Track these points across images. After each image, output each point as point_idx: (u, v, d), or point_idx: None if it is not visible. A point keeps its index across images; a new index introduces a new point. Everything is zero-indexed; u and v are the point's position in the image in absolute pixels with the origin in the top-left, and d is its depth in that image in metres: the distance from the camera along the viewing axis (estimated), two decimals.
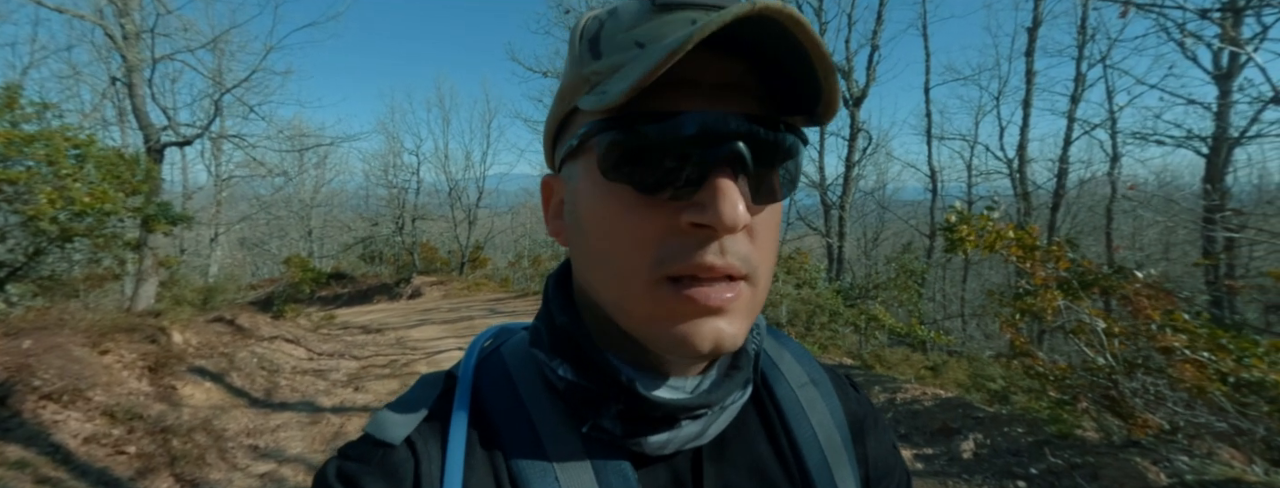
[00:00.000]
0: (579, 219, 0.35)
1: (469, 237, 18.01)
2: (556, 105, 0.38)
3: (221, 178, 12.39)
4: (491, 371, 0.40)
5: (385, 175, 19.26)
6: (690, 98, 0.31)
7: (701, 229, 0.30)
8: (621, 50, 0.32)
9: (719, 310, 0.31)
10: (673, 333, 0.32)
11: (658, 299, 0.32)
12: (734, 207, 0.29)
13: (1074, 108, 9.81)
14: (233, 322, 7.12)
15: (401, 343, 8.26)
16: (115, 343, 4.39)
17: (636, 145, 0.31)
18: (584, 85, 0.34)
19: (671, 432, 0.35)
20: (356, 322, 10.90)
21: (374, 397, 5.30)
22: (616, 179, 0.32)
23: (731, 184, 0.30)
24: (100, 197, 4.26)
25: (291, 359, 6.65)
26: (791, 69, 0.30)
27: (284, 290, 11.74)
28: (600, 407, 0.35)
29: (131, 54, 5.54)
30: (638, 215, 0.32)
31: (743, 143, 0.30)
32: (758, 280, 0.33)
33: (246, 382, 5.26)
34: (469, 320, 9.86)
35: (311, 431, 4.32)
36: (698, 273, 0.31)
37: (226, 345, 5.96)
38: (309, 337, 8.35)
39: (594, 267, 0.35)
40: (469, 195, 18.66)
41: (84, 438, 3.15)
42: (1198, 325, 2.66)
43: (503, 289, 14.23)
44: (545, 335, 0.38)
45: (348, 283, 17.32)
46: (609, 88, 0.31)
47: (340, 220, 21.48)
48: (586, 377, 0.36)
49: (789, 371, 0.46)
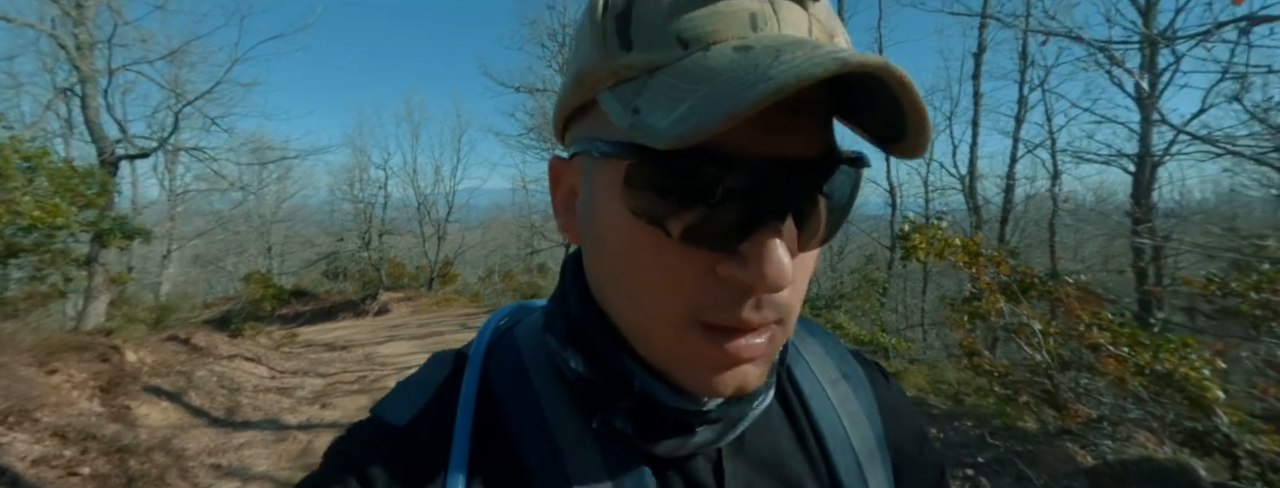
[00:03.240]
0: (598, 235, 0.31)
1: (438, 252, 17.73)
2: (573, 88, 0.32)
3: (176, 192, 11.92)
4: (504, 352, 0.38)
5: (351, 190, 18.87)
6: (746, 130, 0.25)
7: (744, 285, 0.27)
8: (660, 46, 0.27)
9: (751, 359, 0.29)
10: (696, 376, 0.30)
11: (686, 343, 0.29)
12: (780, 269, 0.26)
13: (1018, 128, 10.52)
14: (188, 341, 6.85)
15: (370, 359, 8.08)
16: (64, 362, 4.20)
17: (673, 188, 0.27)
18: (611, 77, 0.29)
19: (685, 437, 0.33)
20: (320, 339, 10.57)
21: (342, 413, 5.19)
22: (645, 220, 0.28)
23: (779, 243, 0.26)
24: (51, 210, 4.11)
25: (253, 378, 6.42)
26: (877, 107, 0.26)
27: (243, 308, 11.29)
28: (611, 404, 0.33)
29: (85, 65, 5.37)
30: (669, 258, 0.28)
31: (798, 191, 0.27)
32: (789, 319, 0.30)
33: (206, 401, 5.07)
34: (439, 336, 9.71)
35: (277, 448, 4.20)
36: (737, 327, 0.28)
37: (183, 364, 5.73)
38: (270, 355, 8.07)
39: (614, 290, 0.32)
40: (438, 210, 18.43)
41: (33, 460, 3.01)
42: (1120, 325, 2.94)
43: (474, 305, 14.04)
44: (559, 323, 0.36)
45: (310, 300, 16.73)
46: (647, 115, 0.26)
47: (303, 236, 20.82)
48: (598, 372, 0.33)
49: (819, 366, 0.42)
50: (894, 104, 0.25)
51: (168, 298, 9.91)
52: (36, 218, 3.99)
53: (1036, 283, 3.49)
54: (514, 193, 18.48)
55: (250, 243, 19.55)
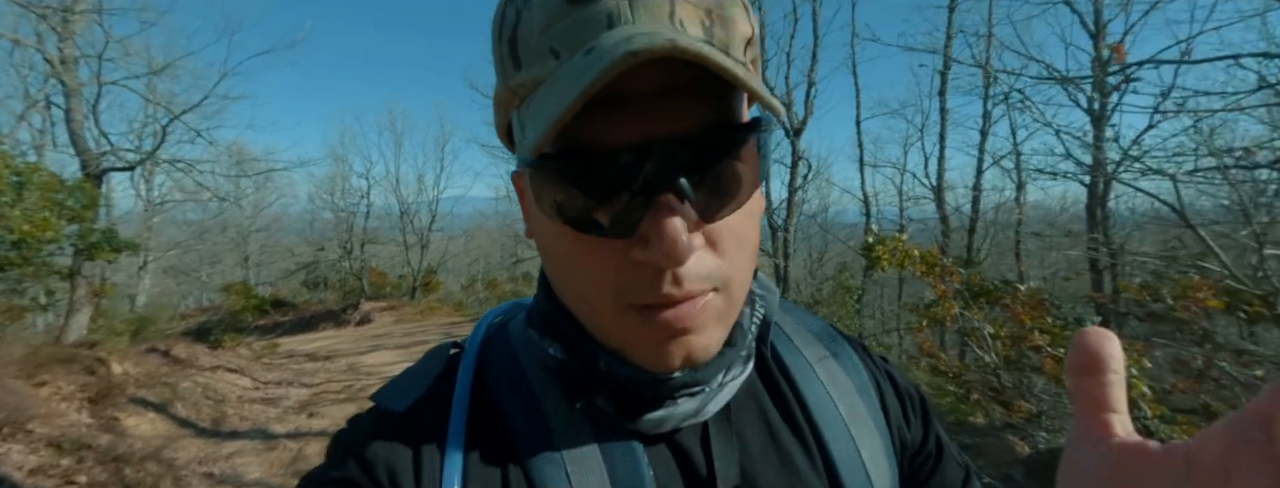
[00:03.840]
0: (538, 241, 0.35)
1: (422, 261, 17.67)
2: (498, 114, 0.36)
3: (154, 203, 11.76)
4: (497, 345, 0.41)
5: (332, 198, 18.72)
6: (619, 121, 0.28)
7: (651, 265, 0.29)
8: (539, 60, 0.29)
9: (687, 330, 0.31)
10: (645, 355, 0.32)
11: (625, 326, 0.31)
12: (675, 243, 0.27)
13: (983, 141, 11.05)
14: (168, 353, 6.82)
15: (354, 369, 8.10)
16: (52, 375, 4.23)
17: (564, 189, 0.29)
18: (513, 97, 0.32)
19: (666, 410, 0.34)
20: (302, 350, 10.50)
21: (330, 422, 5.25)
22: (556, 219, 0.30)
23: (674, 219, 0.28)
24: (41, 225, 4.16)
25: (237, 389, 6.43)
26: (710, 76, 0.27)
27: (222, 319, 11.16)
28: (591, 386, 0.35)
29: (70, 78, 5.41)
30: (589, 252, 0.31)
31: (676, 169, 0.28)
32: (730, 286, 0.32)
33: (192, 412, 5.10)
34: (424, 345, 9.73)
35: (268, 456, 4.28)
36: (660, 303, 0.30)
37: (167, 376, 5.74)
38: (252, 366, 8.04)
39: (562, 288, 0.35)
40: (422, 219, 18.39)
41: (30, 470, 3.08)
42: (1061, 328, 3.24)
43: (458, 313, 14.03)
44: (537, 317, 0.39)
45: (289, 311, 16.50)
46: (527, 128, 0.29)
47: (282, 245, 20.53)
48: (574, 358, 0.36)
49: (806, 346, 0.44)
50: None
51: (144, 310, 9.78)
52: (26, 232, 4.04)
53: (989, 290, 3.80)
54: (497, 202, 18.55)
55: (226, 253, 19.23)
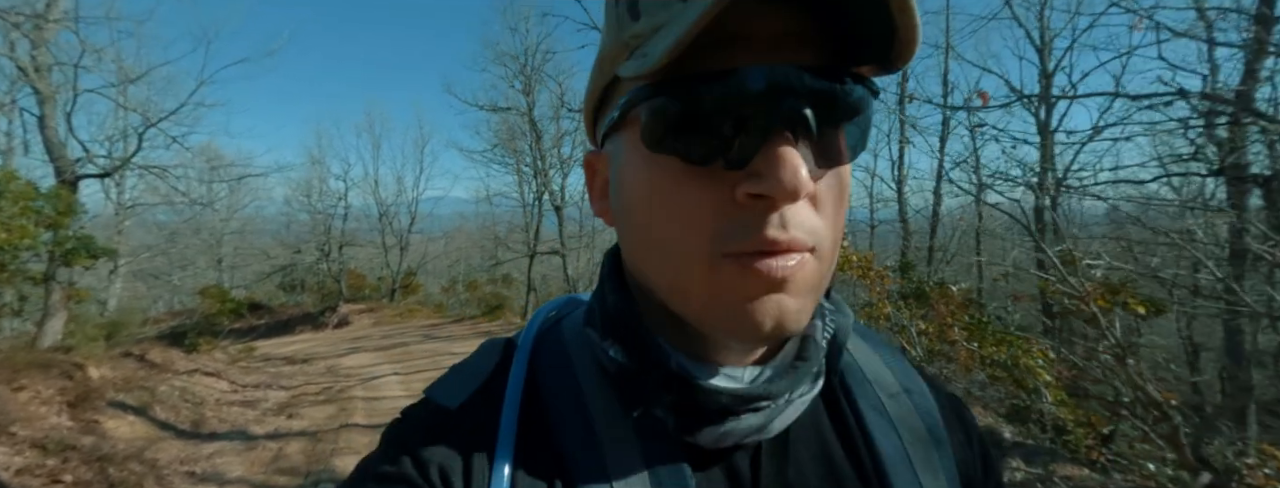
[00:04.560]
0: (625, 198, 0.33)
1: (401, 263, 17.66)
2: (595, 75, 0.35)
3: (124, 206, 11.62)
4: (551, 344, 0.39)
5: (309, 201, 18.57)
6: (743, 54, 0.28)
7: (760, 200, 0.28)
8: (663, 7, 0.29)
9: (782, 283, 0.29)
10: (734, 313, 0.29)
11: (718, 279, 0.29)
12: (795, 173, 0.26)
13: (943, 146, 11.58)
14: (143, 357, 6.87)
15: (333, 371, 8.19)
16: (30, 379, 4.33)
17: (684, 111, 0.28)
18: (624, 51, 0.31)
19: (729, 424, 0.32)
20: (278, 353, 10.51)
21: (310, 422, 5.41)
22: (663, 151, 0.29)
23: (792, 149, 0.27)
24: (19, 232, 4.26)
25: (215, 392, 6.52)
26: (858, 9, 0.27)
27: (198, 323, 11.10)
28: (652, 394, 0.33)
29: (44, 85, 5.45)
30: (690, 190, 0.29)
31: (804, 101, 0.27)
32: (823, 253, 0.30)
33: (171, 414, 5.21)
34: (404, 347, 9.85)
35: (248, 456, 4.44)
36: (761, 248, 0.28)
37: (144, 380, 5.82)
38: (229, 369, 8.09)
39: (645, 249, 0.32)
40: (401, 221, 18.37)
41: (16, 470, 3.22)
42: (980, 324, 3.62)
43: (438, 315, 14.11)
44: (598, 315, 0.37)
45: (264, 314, 16.34)
46: (650, 49, 0.28)
47: (257, 247, 20.27)
48: (637, 361, 0.33)
49: (877, 377, 0.41)
50: (883, 12, 0.26)
51: (115, 315, 9.71)
52: (3, 240, 4.13)
53: (924, 292, 4.18)
54: (477, 204, 18.61)
55: (198, 256, 18.92)
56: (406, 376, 7.18)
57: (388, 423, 0.38)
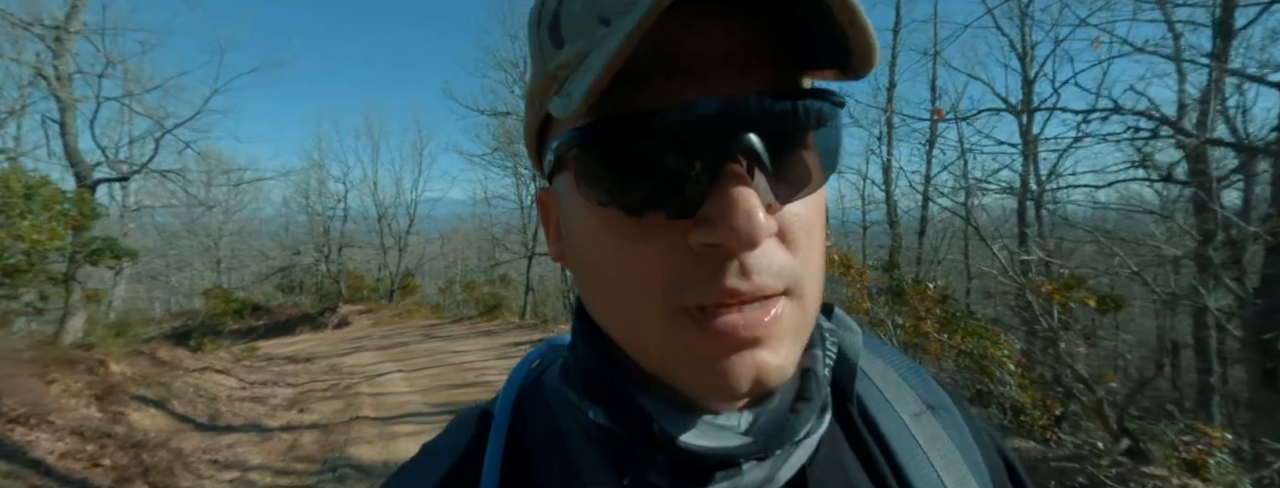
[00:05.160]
0: (573, 245, 0.30)
1: (399, 264, 17.87)
2: (528, 111, 0.32)
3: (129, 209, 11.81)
4: (533, 405, 0.35)
5: (308, 203, 18.77)
6: (680, 84, 0.25)
7: (716, 249, 0.25)
8: (586, 32, 0.26)
9: (755, 341, 0.26)
10: (702, 374, 0.26)
11: (678, 336, 0.26)
12: (750, 217, 0.23)
13: (931, 149, 11.96)
14: (153, 355, 7.09)
15: (336, 370, 8.43)
16: (60, 374, 4.57)
17: (617, 158, 0.25)
18: (553, 84, 0.28)
19: (731, 481, 0.29)
20: (280, 353, 10.73)
21: (319, 416, 5.65)
22: (603, 203, 0.26)
23: (745, 189, 0.24)
24: (49, 234, 4.51)
25: (225, 388, 6.75)
26: (806, 17, 0.24)
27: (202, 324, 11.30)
28: (642, 458, 0.29)
29: (64, 94, 5.67)
30: (637, 242, 0.26)
31: (754, 131, 0.24)
32: (803, 290, 0.27)
33: (189, 408, 5.45)
34: (404, 346, 10.09)
35: (265, 446, 4.69)
36: (723, 301, 0.25)
37: (159, 376, 6.05)
38: (236, 368, 8.32)
39: (600, 301, 0.30)
40: (399, 222, 18.58)
41: (60, 454, 3.48)
42: (953, 317, 3.94)
43: (435, 315, 14.34)
44: (575, 373, 0.33)
45: (263, 315, 16.51)
46: (573, 88, 0.25)
47: (256, 248, 20.43)
48: (621, 424, 0.30)
49: (896, 395, 0.37)
50: (829, 21, 0.23)
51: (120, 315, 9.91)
52: (36, 242, 4.38)
53: (901, 289, 4.50)
54: (474, 205, 18.85)
55: (196, 257, 19.07)
56: (409, 373, 7.43)
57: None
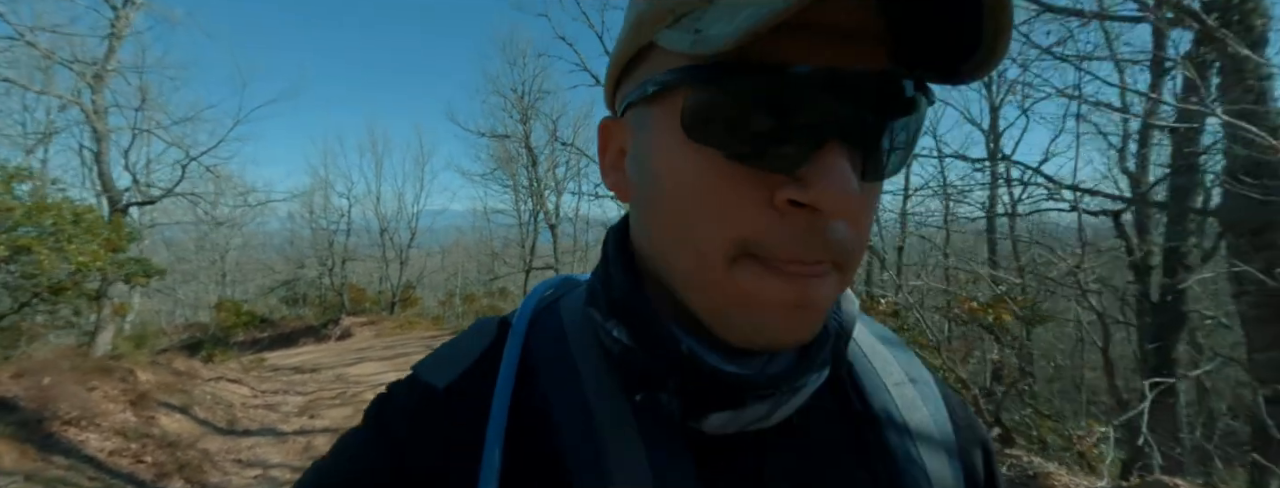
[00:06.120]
0: (650, 178, 0.31)
1: (401, 276, 18.34)
2: (627, 36, 0.32)
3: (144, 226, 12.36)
4: (546, 324, 0.38)
5: (312, 217, 19.31)
6: (804, 47, 0.25)
7: (801, 209, 0.26)
8: None
9: (802, 298, 0.27)
10: (748, 321, 0.28)
11: (737, 282, 0.28)
12: (845, 187, 0.25)
13: (908, 167, 12.58)
14: (170, 366, 7.58)
15: (342, 379, 8.90)
16: (98, 382, 5.07)
17: (733, 104, 0.26)
18: (667, 16, 0.28)
19: (735, 412, 0.31)
20: (286, 364, 11.16)
21: (331, 422, 6.14)
22: (705, 143, 0.27)
23: (845, 160, 0.25)
24: (92, 256, 5.05)
25: (239, 396, 7.23)
26: (929, 10, 0.25)
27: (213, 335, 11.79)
28: (657, 379, 0.31)
29: (100, 125, 6.24)
30: (727, 186, 0.27)
31: (866, 109, 0.26)
32: (849, 266, 0.29)
33: (209, 414, 5.93)
34: (407, 356, 10.56)
35: (282, 448, 5.17)
36: (789, 260, 0.27)
37: (179, 385, 6.53)
38: (247, 377, 8.79)
39: (665, 234, 0.31)
40: (401, 236, 19.10)
41: (109, 452, 3.97)
42: (898, 329, 4.47)
43: (436, 327, 14.78)
44: (602, 296, 0.34)
45: (267, 327, 16.96)
46: (708, 28, 0.25)
47: (259, 261, 20.93)
48: (643, 343, 0.32)
49: (883, 366, 0.40)
50: (973, 16, 0.23)
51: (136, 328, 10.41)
52: (81, 263, 4.91)
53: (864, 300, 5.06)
54: (474, 218, 19.39)
55: (201, 270, 19.54)
56: None
57: (371, 400, 0.37)
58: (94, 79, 6.01)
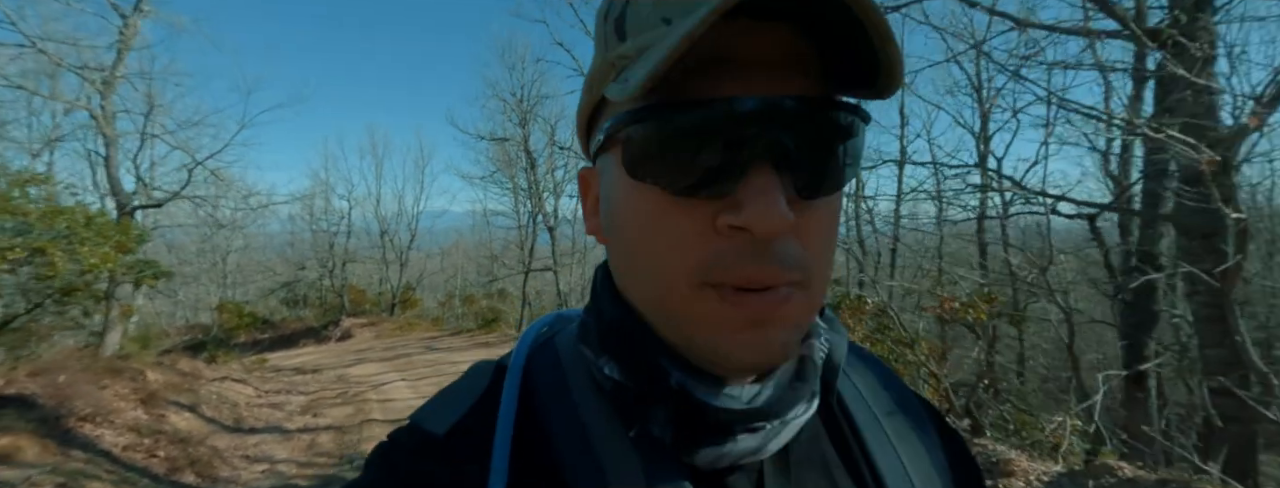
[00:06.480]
0: (613, 219, 0.34)
1: (400, 278, 18.48)
2: (585, 94, 0.36)
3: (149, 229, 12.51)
4: (543, 361, 0.39)
5: (313, 220, 19.44)
6: (729, 80, 0.28)
7: (741, 232, 0.28)
8: (649, 29, 0.29)
9: (766, 322, 0.29)
10: (716, 345, 0.30)
11: (699, 308, 0.30)
12: (772, 207, 0.27)
13: (901, 170, 12.77)
14: (174, 366, 7.74)
15: (344, 379, 9.04)
16: (110, 381, 5.23)
17: (663, 140, 0.28)
18: (611, 71, 0.32)
19: (726, 445, 0.32)
20: (287, 365, 11.30)
21: (333, 420, 6.29)
22: (644, 179, 0.30)
23: (773, 181, 0.27)
24: (104, 258, 5.21)
25: (243, 396, 7.38)
26: (843, 35, 0.27)
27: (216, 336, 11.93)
28: (648, 411, 0.32)
29: (109, 130, 6.40)
30: (672, 218, 0.29)
31: (788, 131, 0.27)
32: (812, 283, 0.30)
33: (216, 413, 6.08)
34: (407, 357, 10.71)
35: (288, 445, 5.33)
36: (741, 284, 0.28)
37: (185, 384, 6.69)
38: (250, 378, 8.94)
39: (630, 270, 0.33)
40: (401, 237, 19.24)
41: (123, 447, 4.14)
42: (882, 329, 4.65)
43: (435, 328, 14.91)
44: (593, 331, 0.36)
45: (268, 328, 17.08)
46: (631, 75, 0.28)
47: (262, 264, 21.06)
48: (634, 378, 0.33)
49: (872, 395, 0.41)
50: (849, 20, 0.25)
51: (139, 329, 10.54)
52: (93, 265, 5.07)
53: (840, 303, 5.22)
54: (474, 217, 19.52)
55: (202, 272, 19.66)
56: (413, 381, 8.07)
57: (372, 449, 0.37)
58: (103, 85, 6.17)
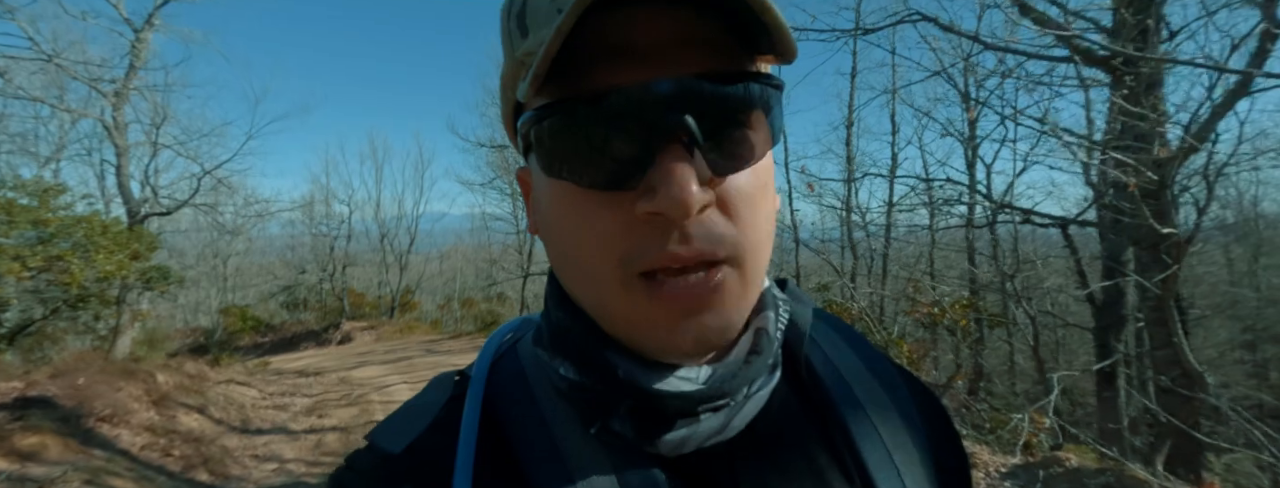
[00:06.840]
0: (542, 220, 0.33)
1: (400, 281, 18.64)
2: (502, 96, 0.35)
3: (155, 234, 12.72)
4: (506, 368, 0.38)
5: (313, 224, 19.61)
6: (626, 67, 0.27)
7: (659, 217, 0.27)
8: (546, 22, 0.28)
9: (701, 306, 0.29)
10: (655, 334, 0.30)
11: (632, 301, 0.29)
12: (683, 188, 0.26)
13: (893, 176, 13.01)
14: (180, 369, 7.92)
15: (346, 382, 9.21)
16: (124, 383, 5.42)
17: (570, 136, 0.28)
18: (521, 70, 0.31)
19: (689, 428, 0.32)
20: (289, 368, 11.46)
21: (339, 420, 6.48)
22: (559, 177, 0.29)
23: (680, 163, 0.27)
24: (118, 265, 5.41)
25: (249, 398, 7.57)
26: (732, 10, 0.27)
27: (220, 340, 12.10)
28: (607, 407, 0.32)
29: (120, 140, 6.60)
30: (593, 213, 0.29)
31: (688, 111, 0.27)
32: (743, 259, 0.30)
33: (224, 414, 6.27)
34: (408, 360, 10.89)
35: (295, 445, 5.52)
36: (667, 265, 0.28)
37: (193, 386, 6.87)
38: (254, 380, 9.11)
39: (564, 267, 0.33)
40: (401, 241, 19.41)
41: (141, 446, 4.33)
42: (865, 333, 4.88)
43: (435, 331, 15.08)
44: (546, 333, 0.36)
45: (269, 331, 17.24)
46: (528, 74, 0.28)
47: (262, 267, 21.22)
48: (588, 376, 0.32)
49: (843, 361, 0.40)
50: (747, 9, 0.26)
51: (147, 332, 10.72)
52: (108, 272, 5.27)
53: (829, 307, 5.44)
54: (473, 221, 19.69)
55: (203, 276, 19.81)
56: (415, 385, 8.25)
57: (331, 473, 0.36)
58: (115, 97, 6.37)
